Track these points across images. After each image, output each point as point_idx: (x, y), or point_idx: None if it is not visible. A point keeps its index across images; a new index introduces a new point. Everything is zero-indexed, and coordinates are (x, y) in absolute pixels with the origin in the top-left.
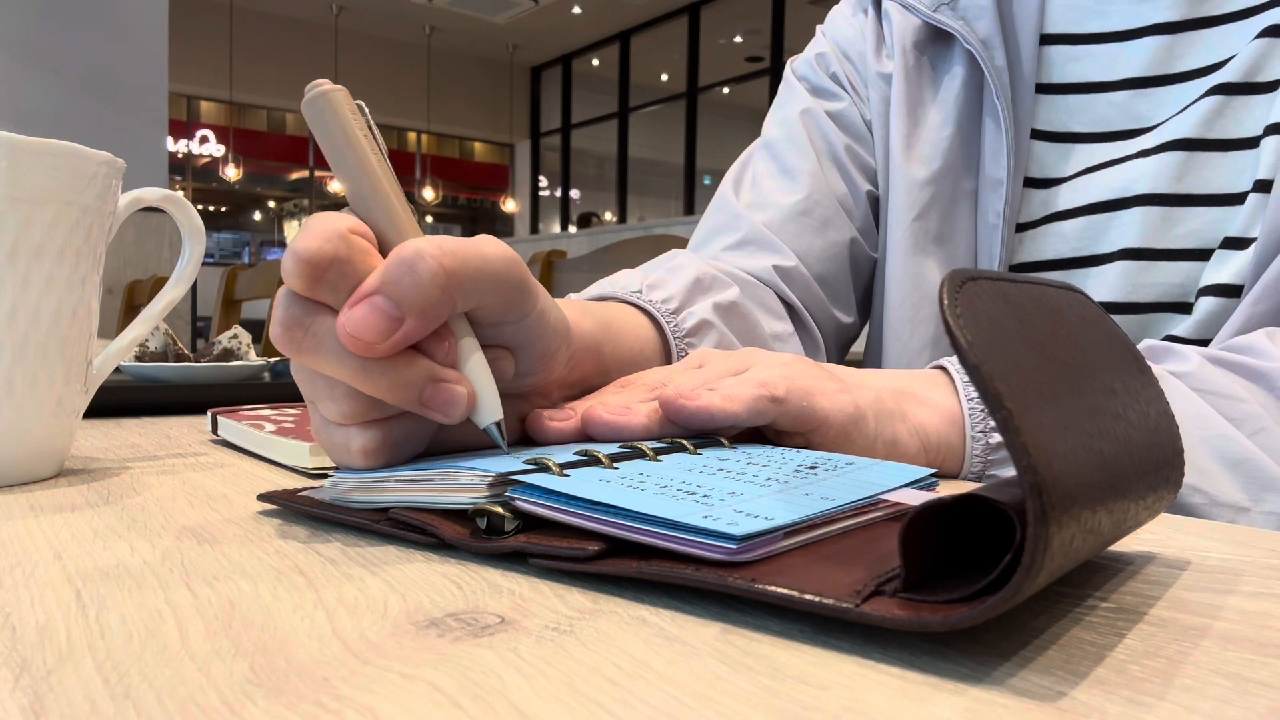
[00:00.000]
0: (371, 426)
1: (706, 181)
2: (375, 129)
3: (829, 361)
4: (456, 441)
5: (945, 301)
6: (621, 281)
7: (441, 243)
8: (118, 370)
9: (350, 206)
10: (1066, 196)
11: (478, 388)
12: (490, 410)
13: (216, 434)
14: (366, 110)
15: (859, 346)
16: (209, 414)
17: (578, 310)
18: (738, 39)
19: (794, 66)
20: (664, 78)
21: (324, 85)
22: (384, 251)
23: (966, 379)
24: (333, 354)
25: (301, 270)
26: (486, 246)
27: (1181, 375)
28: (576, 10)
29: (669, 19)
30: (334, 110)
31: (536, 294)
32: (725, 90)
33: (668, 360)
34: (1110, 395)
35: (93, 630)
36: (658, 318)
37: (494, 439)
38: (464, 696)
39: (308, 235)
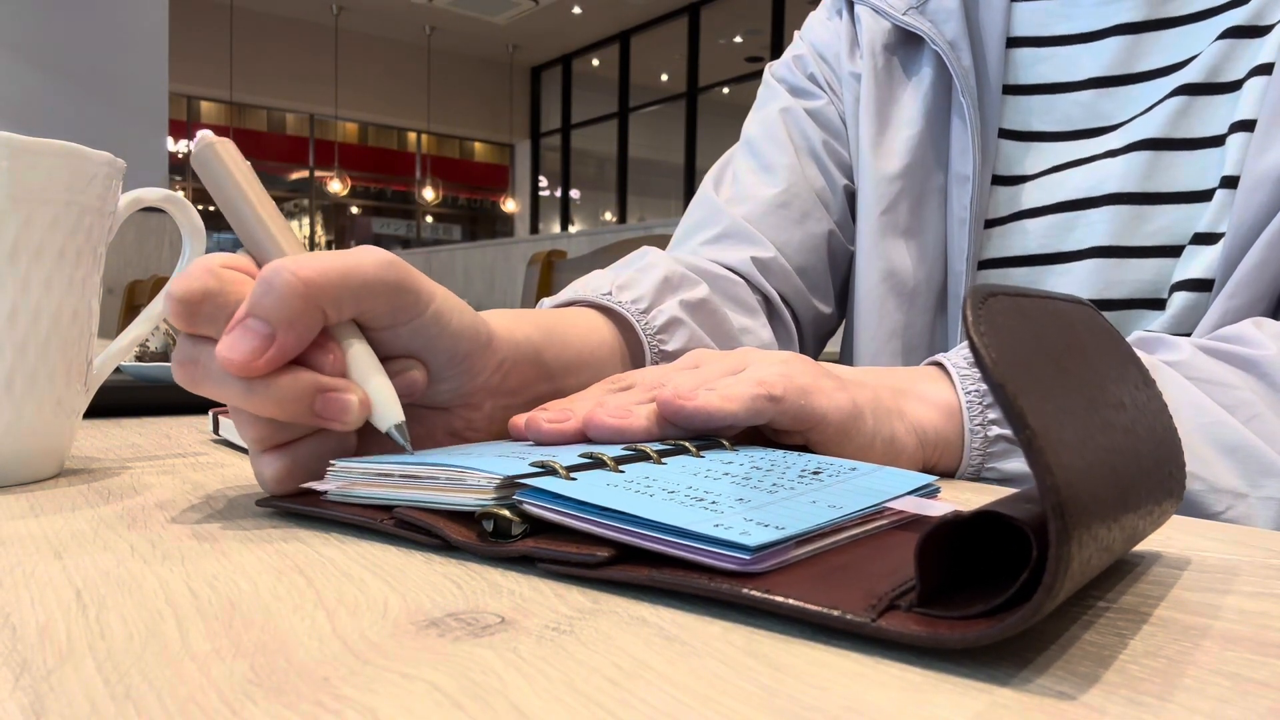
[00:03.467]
0: (277, 453)
1: None
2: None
3: (807, 352)
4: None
5: (969, 318)
6: (592, 284)
7: (301, 257)
8: (118, 370)
9: (244, 247)
10: (1034, 194)
11: (370, 392)
12: (388, 414)
13: (217, 434)
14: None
15: (834, 346)
16: (210, 414)
17: (512, 318)
18: (738, 39)
19: (772, 70)
20: (664, 78)
21: (210, 137)
22: None
23: (964, 373)
24: (221, 382)
25: (177, 310)
26: (358, 254)
27: (1175, 364)
28: (576, 10)
29: (669, 19)
30: (219, 160)
31: (428, 295)
32: (725, 90)
33: (634, 359)
34: (1120, 410)
35: (93, 630)
36: (628, 318)
37: (396, 442)
38: (464, 696)
39: (181, 277)
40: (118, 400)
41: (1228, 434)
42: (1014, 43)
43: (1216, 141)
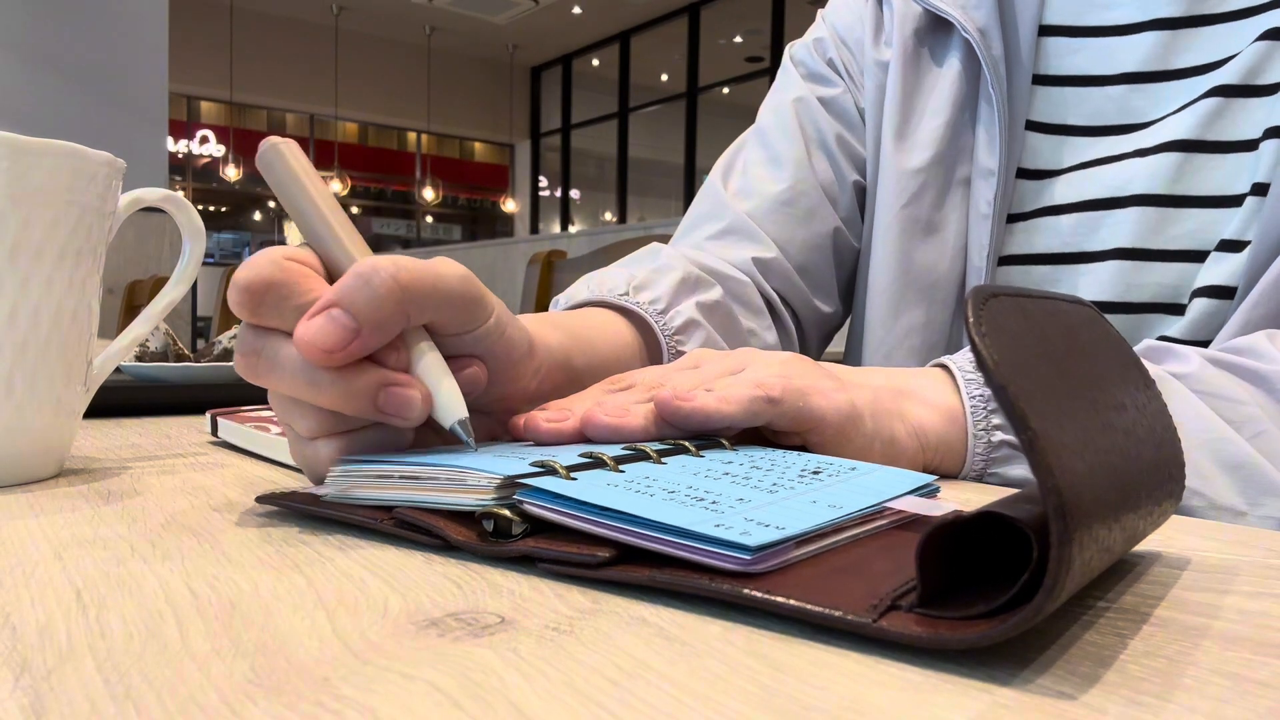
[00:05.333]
0: (337, 438)
1: None
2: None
3: (810, 352)
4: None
5: (970, 318)
6: (608, 283)
7: (397, 259)
8: (118, 370)
9: (306, 243)
10: (1061, 191)
11: (434, 389)
12: (452, 410)
13: (216, 435)
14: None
15: (837, 346)
16: (208, 415)
17: (545, 324)
18: (738, 39)
19: (792, 51)
20: (664, 78)
21: (274, 140)
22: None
23: (968, 376)
24: (287, 373)
25: (243, 299)
26: (442, 266)
27: (1182, 376)
28: (576, 10)
29: (669, 19)
30: (284, 160)
31: (490, 306)
32: (725, 90)
33: (652, 359)
34: (1120, 411)
35: (93, 630)
36: (646, 318)
37: (460, 438)
38: (464, 696)
39: (246, 266)
40: (118, 400)
41: (1231, 450)
42: (1046, 31)
43: (1250, 146)
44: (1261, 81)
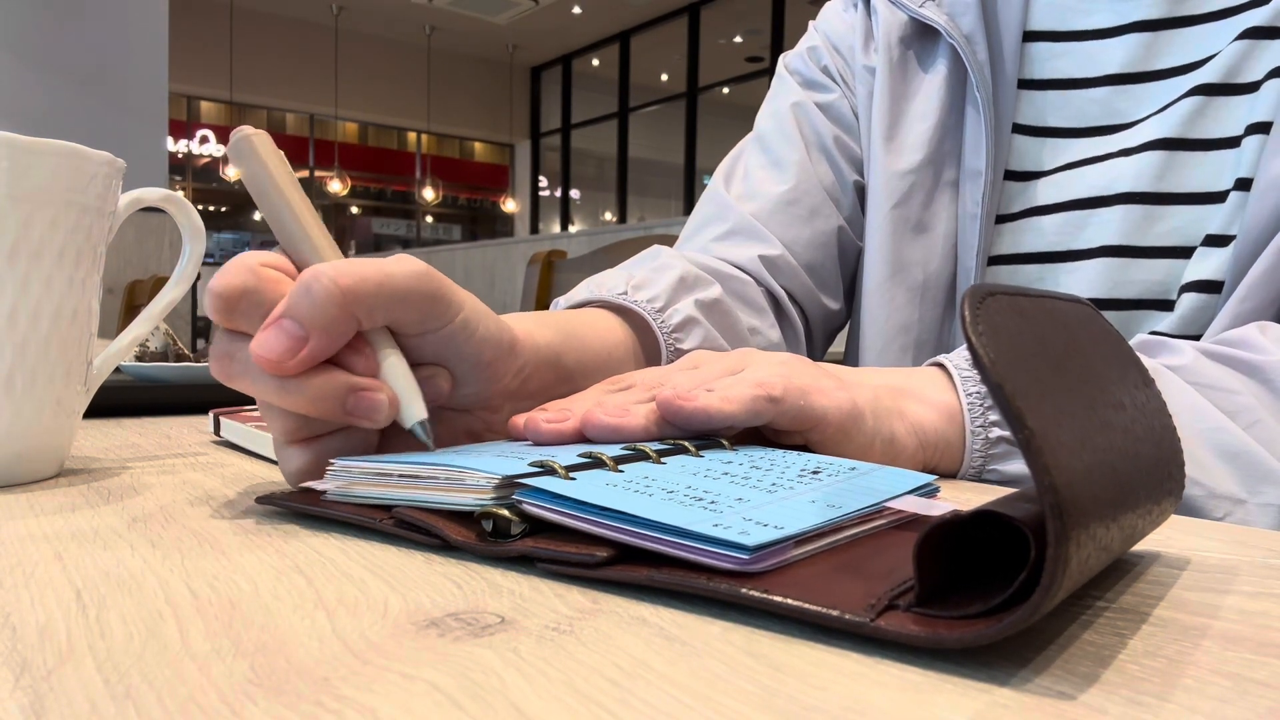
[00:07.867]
0: (303, 446)
1: (706, 181)
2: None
3: (815, 349)
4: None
5: (967, 317)
6: (608, 283)
7: (340, 264)
8: (118, 370)
9: (279, 244)
10: (1047, 191)
11: (398, 391)
12: (413, 411)
13: (219, 435)
14: (284, 156)
15: (837, 346)
16: (211, 415)
17: (534, 322)
18: (738, 39)
19: (786, 61)
20: (664, 78)
21: (247, 130)
22: None
23: (965, 374)
24: (257, 377)
25: (216, 304)
26: (393, 265)
27: (1177, 369)
28: (576, 10)
29: (669, 19)
30: (257, 152)
31: (457, 304)
32: (725, 90)
33: (649, 358)
34: (1119, 410)
35: (93, 630)
36: (645, 316)
37: (420, 439)
38: (464, 696)
39: (221, 273)
40: (118, 400)
41: (1228, 440)
42: (1030, 36)
43: (1232, 143)
44: (1241, 80)
